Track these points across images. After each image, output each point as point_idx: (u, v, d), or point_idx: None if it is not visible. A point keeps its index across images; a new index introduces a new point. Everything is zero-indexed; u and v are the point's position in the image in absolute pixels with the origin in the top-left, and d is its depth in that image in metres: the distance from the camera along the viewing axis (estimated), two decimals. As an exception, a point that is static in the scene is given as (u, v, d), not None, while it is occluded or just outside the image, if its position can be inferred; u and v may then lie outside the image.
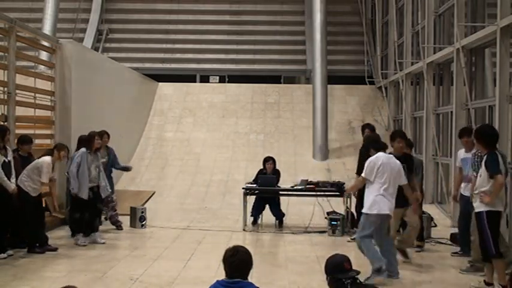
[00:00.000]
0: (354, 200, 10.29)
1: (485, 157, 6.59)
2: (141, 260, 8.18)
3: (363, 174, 7.37)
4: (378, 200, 7.13)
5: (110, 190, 9.94)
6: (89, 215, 9.24)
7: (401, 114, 16.53)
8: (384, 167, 7.17)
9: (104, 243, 9.21)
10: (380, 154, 7.33)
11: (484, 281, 6.78)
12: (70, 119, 11.24)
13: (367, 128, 10.38)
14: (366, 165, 7.34)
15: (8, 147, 8.18)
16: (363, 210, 7.31)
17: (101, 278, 7.13)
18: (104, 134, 10.45)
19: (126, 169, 11.95)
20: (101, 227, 9.97)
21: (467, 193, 7.97)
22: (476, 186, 6.74)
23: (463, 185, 8.40)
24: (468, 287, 6.92)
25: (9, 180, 7.97)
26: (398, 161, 7.37)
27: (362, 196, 8.46)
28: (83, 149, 9.28)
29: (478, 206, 6.65)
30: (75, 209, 9.32)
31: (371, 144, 7.84)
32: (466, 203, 8.04)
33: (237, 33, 22.02)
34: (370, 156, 7.45)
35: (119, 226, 10.58)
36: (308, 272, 7.63)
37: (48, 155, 8.69)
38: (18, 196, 8.26)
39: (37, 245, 8.53)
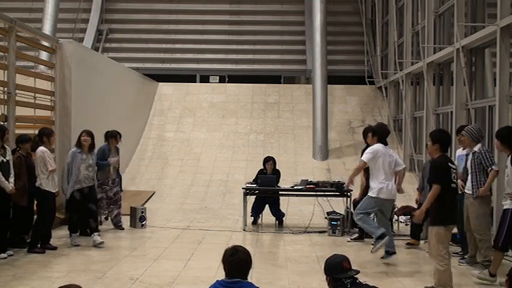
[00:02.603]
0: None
1: (510, 157, 6.72)
2: (141, 260, 8.18)
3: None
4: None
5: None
6: (77, 216, 9.18)
7: (401, 114, 16.54)
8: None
9: (102, 242, 9.08)
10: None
11: (489, 271, 7.00)
12: (70, 119, 11.23)
13: (370, 131, 10.22)
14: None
15: (6, 146, 8.17)
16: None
17: (101, 278, 7.13)
18: (116, 135, 10.72)
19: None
20: (101, 227, 9.97)
21: (467, 191, 7.99)
22: (505, 186, 6.90)
23: (459, 182, 8.40)
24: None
25: (8, 180, 7.97)
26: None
27: None
28: (73, 148, 9.24)
29: (508, 204, 6.83)
30: (68, 209, 9.44)
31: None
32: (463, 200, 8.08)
33: (237, 33, 22.05)
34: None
35: (119, 226, 10.58)
36: (308, 272, 7.62)
37: (38, 146, 8.69)
38: (22, 197, 8.40)
39: (39, 244, 8.55)
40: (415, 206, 9.99)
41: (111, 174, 10.50)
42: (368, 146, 9.83)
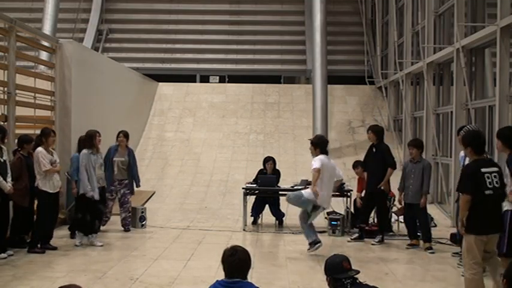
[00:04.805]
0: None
1: (509, 157, 6.47)
2: (141, 260, 8.19)
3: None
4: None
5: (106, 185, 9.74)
6: (91, 216, 9.19)
7: (401, 114, 16.53)
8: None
9: (101, 245, 9.10)
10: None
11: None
12: (70, 119, 11.23)
13: (371, 130, 10.13)
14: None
15: (3, 147, 8.17)
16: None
17: (101, 278, 7.13)
18: (119, 134, 10.69)
19: (136, 182, 10.89)
20: (101, 227, 9.96)
21: None
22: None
23: None
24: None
25: (6, 180, 7.96)
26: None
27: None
28: (85, 151, 9.20)
29: (506, 205, 6.55)
30: (79, 210, 9.31)
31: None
32: None
33: (237, 33, 22.05)
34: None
35: (127, 229, 10.55)
36: (308, 272, 7.63)
37: (38, 146, 8.71)
38: (24, 197, 8.45)
39: (39, 244, 8.56)
40: (398, 205, 10.06)
41: (115, 175, 10.48)
42: (373, 145, 9.87)
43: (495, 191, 5.95)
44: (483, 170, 5.95)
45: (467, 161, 7.64)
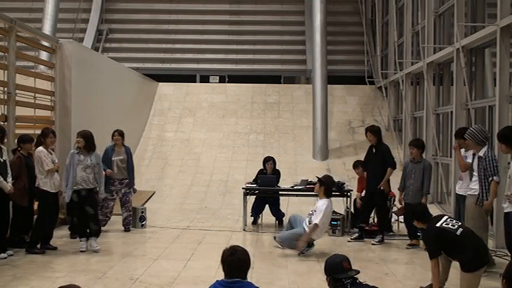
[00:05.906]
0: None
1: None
2: (141, 260, 8.18)
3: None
4: None
5: (104, 194, 9.38)
6: (77, 218, 9.00)
7: (401, 114, 16.54)
8: None
9: (97, 250, 8.72)
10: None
11: None
12: (70, 119, 11.23)
13: (369, 131, 10.08)
14: None
15: (3, 147, 8.16)
16: None
17: (101, 278, 7.13)
18: (114, 133, 10.67)
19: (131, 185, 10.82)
20: (101, 228, 9.95)
21: (461, 192, 7.97)
22: (505, 188, 6.67)
23: (458, 183, 8.38)
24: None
25: (6, 180, 7.95)
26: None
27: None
28: (71, 150, 9.00)
29: (507, 207, 6.62)
30: (67, 211, 9.29)
31: None
32: (460, 202, 8.04)
33: (237, 33, 22.06)
34: None
35: (127, 229, 10.54)
36: (308, 272, 7.63)
37: (38, 145, 8.70)
38: (26, 197, 8.45)
39: (38, 244, 8.55)
40: (399, 205, 10.06)
41: (115, 174, 10.44)
42: (372, 146, 9.85)
43: (461, 226, 6.14)
44: (438, 224, 6.16)
45: (475, 162, 7.55)
